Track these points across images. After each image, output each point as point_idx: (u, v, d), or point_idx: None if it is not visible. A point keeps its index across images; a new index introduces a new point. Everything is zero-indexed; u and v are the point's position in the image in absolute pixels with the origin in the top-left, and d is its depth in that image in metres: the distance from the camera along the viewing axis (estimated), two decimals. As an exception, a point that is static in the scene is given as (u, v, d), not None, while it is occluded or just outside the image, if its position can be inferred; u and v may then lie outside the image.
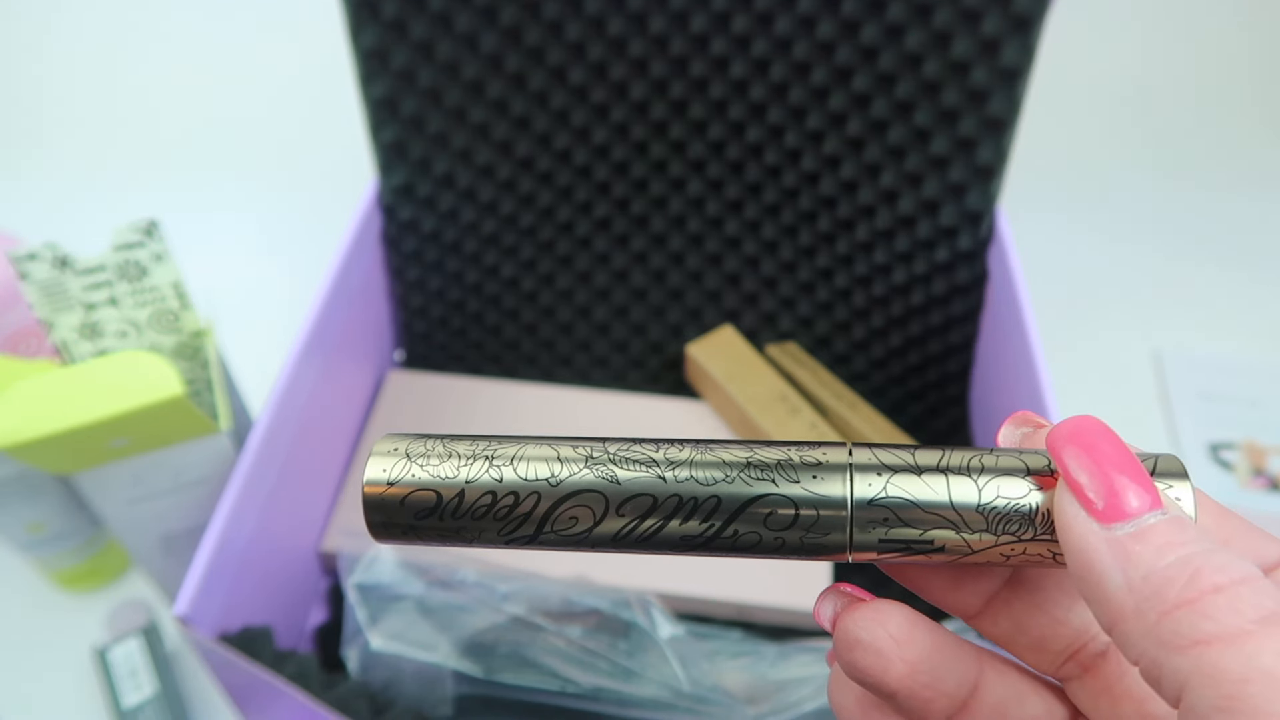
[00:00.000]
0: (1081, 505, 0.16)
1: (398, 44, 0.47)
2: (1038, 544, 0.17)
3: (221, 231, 0.72)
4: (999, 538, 0.17)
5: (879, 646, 0.18)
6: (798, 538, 0.18)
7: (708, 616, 0.48)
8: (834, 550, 0.18)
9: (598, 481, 0.18)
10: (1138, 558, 0.15)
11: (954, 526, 0.17)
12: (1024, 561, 0.17)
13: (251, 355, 0.53)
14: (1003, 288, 0.48)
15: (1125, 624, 0.15)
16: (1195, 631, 0.14)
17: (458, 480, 0.18)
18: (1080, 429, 0.16)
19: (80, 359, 0.41)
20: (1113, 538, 0.15)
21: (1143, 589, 0.14)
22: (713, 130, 0.51)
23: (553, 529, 0.18)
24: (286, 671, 0.37)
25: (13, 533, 0.46)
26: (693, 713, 0.40)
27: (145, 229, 0.40)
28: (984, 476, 0.17)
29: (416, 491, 0.18)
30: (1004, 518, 0.17)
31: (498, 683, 0.40)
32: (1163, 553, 0.15)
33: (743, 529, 0.18)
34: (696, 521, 0.18)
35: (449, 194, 0.53)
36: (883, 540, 0.17)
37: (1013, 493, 0.17)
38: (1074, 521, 0.16)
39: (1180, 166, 0.78)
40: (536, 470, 0.18)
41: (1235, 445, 0.60)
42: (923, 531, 0.17)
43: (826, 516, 0.17)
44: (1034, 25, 0.43)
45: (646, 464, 0.18)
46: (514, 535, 0.18)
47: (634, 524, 0.18)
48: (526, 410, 0.55)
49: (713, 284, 0.57)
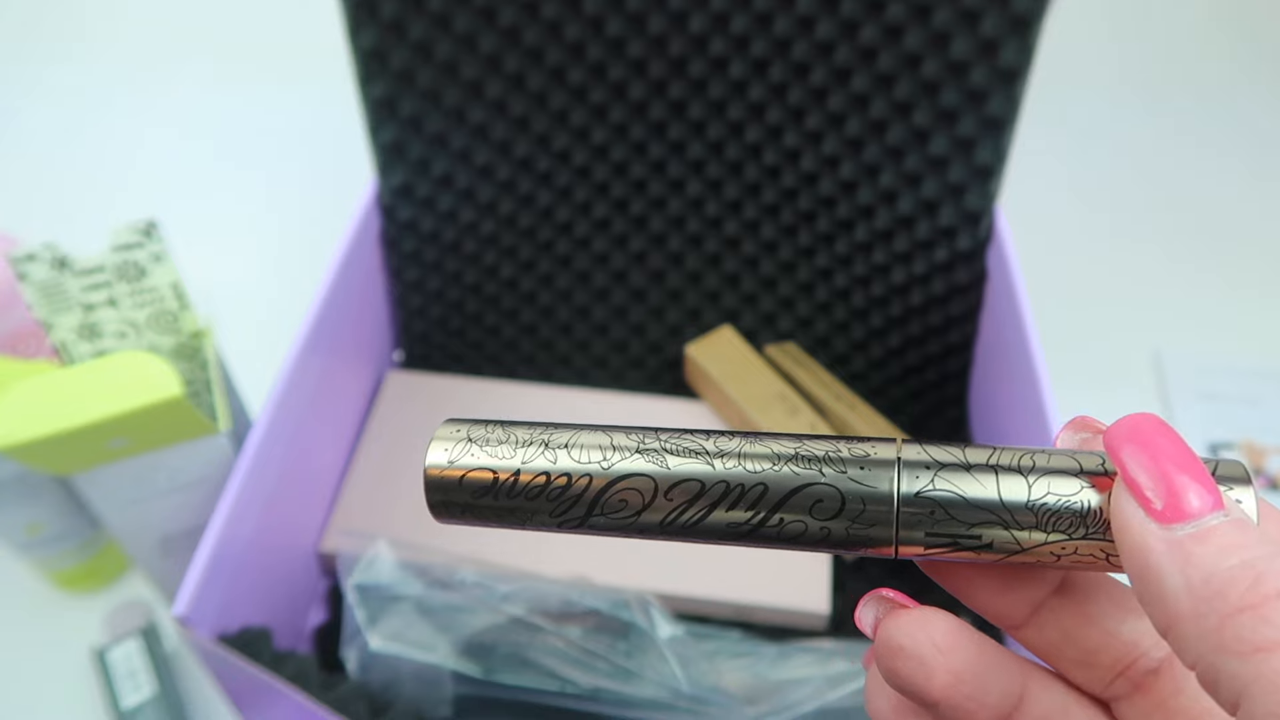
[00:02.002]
0: (1140, 504, 0.15)
1: (397, 44, 0.47)
2: (1090, 543, 0.16)
3: (221, 232, 0.72)
4: (1049, 535, 0.17)
5: (922, 654, 0.17)
6: (844, 528, 0.17)
7: (707, 617, 0.48)
8: (880, 543, 0.17)
9: (648, 466, 0.18)
10: (1198, 559, 0.14)
11: (1002, 523, 0.17)
12: (1075, 563, 0.17)
13: (250, 356, 0.53)
14: (1002, 288, 0.48)
15: (1183, 626, 0.14)
16: (1257, 637, 0.13)
17: (513, 462, 0.19)
18: (1139, 427, 0.16)
19: (79, 360, 0.41)
20: (1173, 538, 0.15)
21: (1203, 591, 0.14)
22: (712, 130, 0.51)
23: (603, 511, 0.18)
24: (285, 672, 0.37)
25: (12, 533, 0.46)
26: (692, 713, 0.40)
27: (144, 229, 0.40)
28: (1035, 474, 0.17)
29: (474, 472, 0.19)
30: (1055, 515, 0.17)
31: (497, 683, 0.40)
32: (1225, 555, 0.14)
33: (788, 518, 0.18)
34: (743, 509, 0.18)
35: (448, 194, 0.53)
36: (929, 534, 0.17)
37: (1064, 490, 0.17)
38: (1131, 521, 0.15)
39: (1180, 166, 0.78)
40: (589, 455, 0.19)
41: (1234, 445, 0.60)
42: (970, 527, 0.17)
43: (873, 509, 0.17)
44: (1033, 25, 0.43)
45: (696, 452, 0.18)
46: (565, 516, 0.19)
47: (681, 509, 0.18)
48: (526, 411, 0.55)
49: (712, 284, 0.57)
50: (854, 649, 0.42)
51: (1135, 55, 0.85)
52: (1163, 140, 0.80)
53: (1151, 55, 0.85)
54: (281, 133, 0.79)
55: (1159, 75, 0.84)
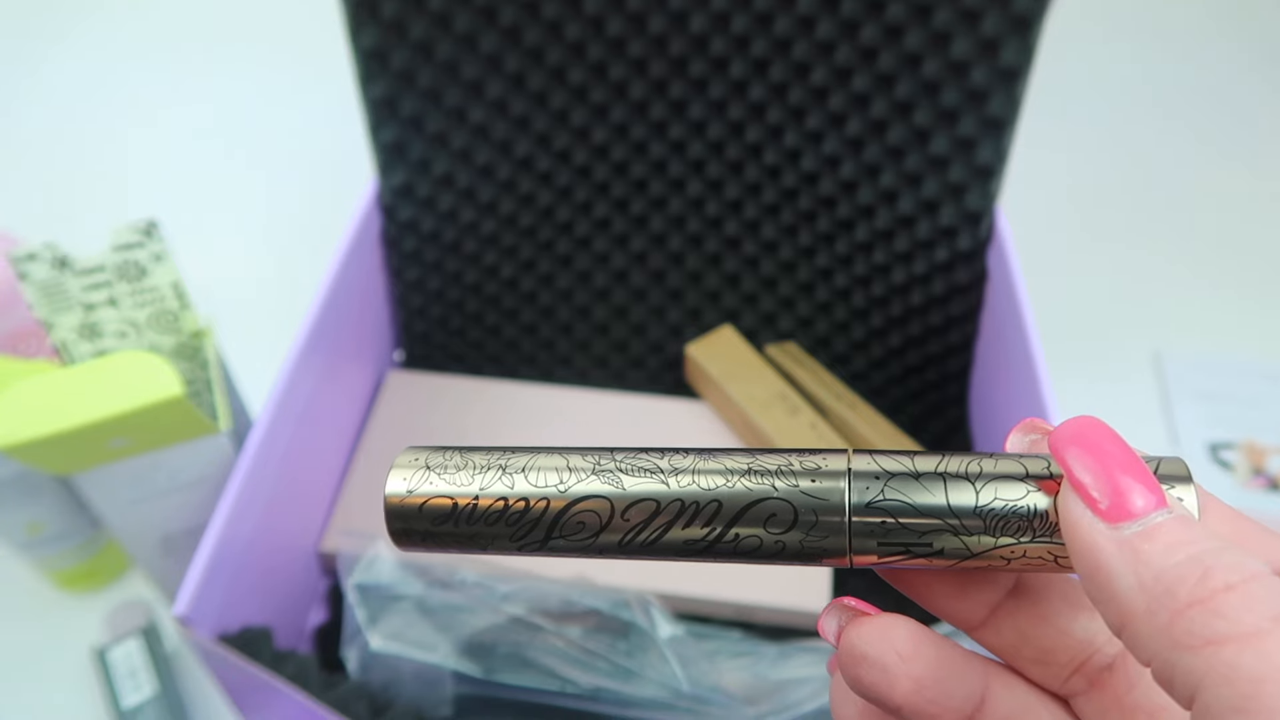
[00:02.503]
0: (1087, 505, 0.15)
1: (397, 44, 0.47)
2: (1038, 546, 0.17)
3: (221, 231, 0.72)
4: (998, 540, 0.17)
5: (885, 662, 0.17)
6: (798, 541, 0.18)
7: (707, 617, 0.48)
8: (834, 554, 0.18)
9: (603, 488, 0.19)
10: (1147, 556, 0.15)
11: (952, 530, 0.17)
12: (1025, 565, 0.17)
13: (251, 355, 0.53)
14: (1002, 288, 0.48)
15: (1136, 624, 0.15)
16: (1209, 631, 0.14)
17: (471, 488, 0.19)
18: (1082, 429, 0.16)
19: (80, 359, 0.41)
20: (1121, 537, 0.15)
21: (1154, 588, 0.14)
22: (712, 130, 0.51)
23: (561, 534, 0.19)
24: (286, 672, 0.37)
25: (12, 533, 0.46)
26: (692, 713, 0.40)
27: (144, 229, 0.40)
28: (982, 480, 0.17)
29: (433, 500, 0.19)
30: (1003, 520, 0.17)
31: (497, 683, 0.40)
32: (1172, 551, 0.15)
33: (743, 533, 0.18)
34: (699, 526, 0.18)
35: (448, 194, 0.53)
36: (882, 544, 0.17)
37: (1011, 495, 0.17)
38: (1080, 521, 0.16)
39: (1180, 166, 0.78)
40: (546, 478, 0.19)
41: (1235, 445, 0.60)
42: (920, 535, 0.17)
43: (825, 520, 0.18)
44: (1033, 25, 0.43)
45: (651, 471, 0.19)
46: (525, 540, 0.19)
47: (639, 529, 0.18)
48: (526, 410, 0.55)
49: (712, 284, 0.57)
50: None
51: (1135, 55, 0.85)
52: (1163, 140, 0.80)
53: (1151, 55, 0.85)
54: (282, 133, 0.79)
55: (1159, 75, 0.84)
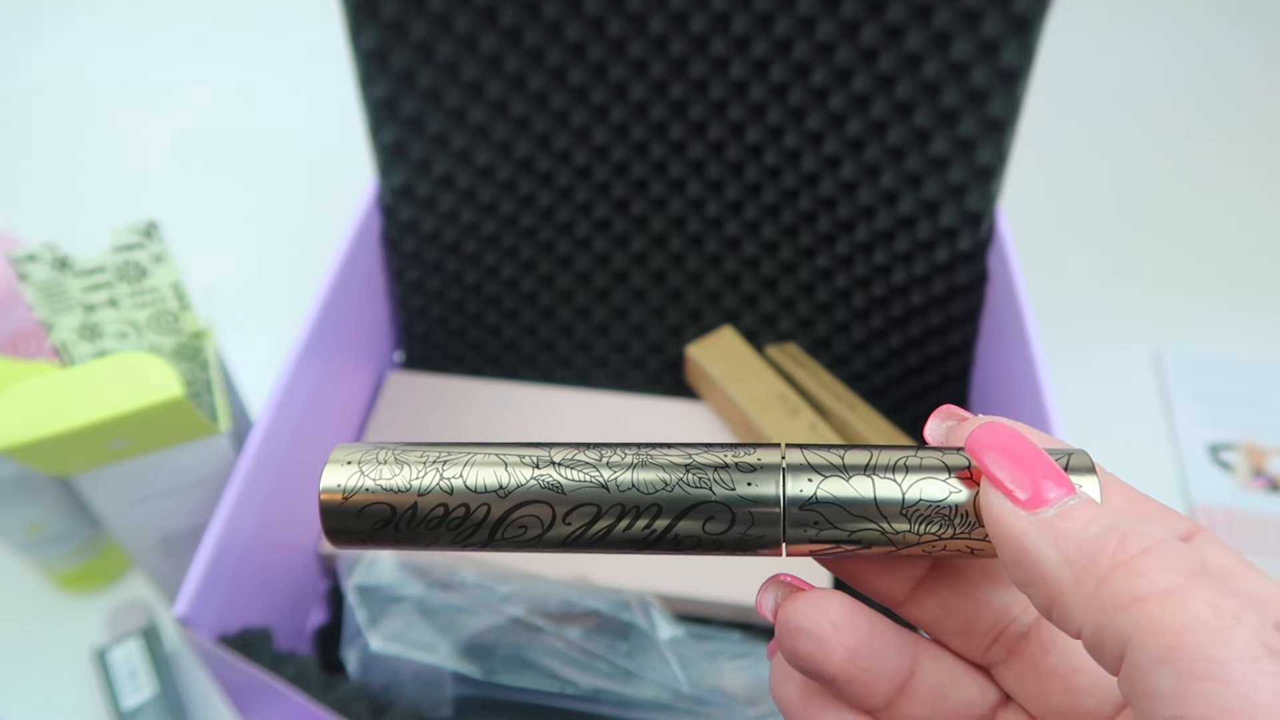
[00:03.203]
0: (1007, 498, 0.17)
1: (397, 45, 0.47)
2: (958, 541, 0.18)
3: (221, 232, 0.72)
4: (921, 535, 0.18)
5: (820, 634, 0.18)
6: (735, 537, 0.19)
7: (707, 618, 0.48)
8: (770, 546, 0.19)
9: (544, 492, 0.19)
10: (1067, 533, 0.16)
11: (879, 527, 0.18)
12: (944, 556, 0.19)
13: (251, 356, 0.53)
14: (1002, 288, 0.48)
15: (1065, 596, 0.16)
16: (1132, 590, 0.15)
17: (410, 493, 0.19)
18: (996, 432, 0.18)
19: (80, 360, 0.41)
20: (1041, 520, 0.16)
21: (1078, 559, 0.16)
22: (712, 131, 0.51)
23: (504, 536, 0.19)
24: (286, 673, 0.37)
25: (12, 534, 0.46)
26: (692, 714, 0.40)
27: (145, 230, 0.40)
28: (909, 477, 0.18)
29: (372, 505, 0.19)
30: (926, 516, 0.18)
31: (497, 684, 0.40)
32: (1088, 525, 0.16)
33: (683, 532, 0.19)
34: (640, 527, 0.19)
35: (449, 195, 0.53)
36: (815, 540, 0.18)
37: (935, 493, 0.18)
38: (1002, 512, 0.17)
39: (1180, 166, 0.78)
40: (485, 480, 0.19)
41: (1235, 446, 0.60)
42: (850, 532, 0.18)
43: (760, 516, 0.18)
44: (1034, 26, 0.43)
45: (591, 469, 0.19)
46: (468, 542, 0.19)
47: (581, 530, 0.19)
48: (526, 411, 0.55)
49: (712, 285, 0.57)
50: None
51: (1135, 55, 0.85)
52: (1163, 140, 0.80)
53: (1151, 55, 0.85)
54: (282, 134, 0.79)
55: (1159, 75, 0.84)
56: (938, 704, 0.20)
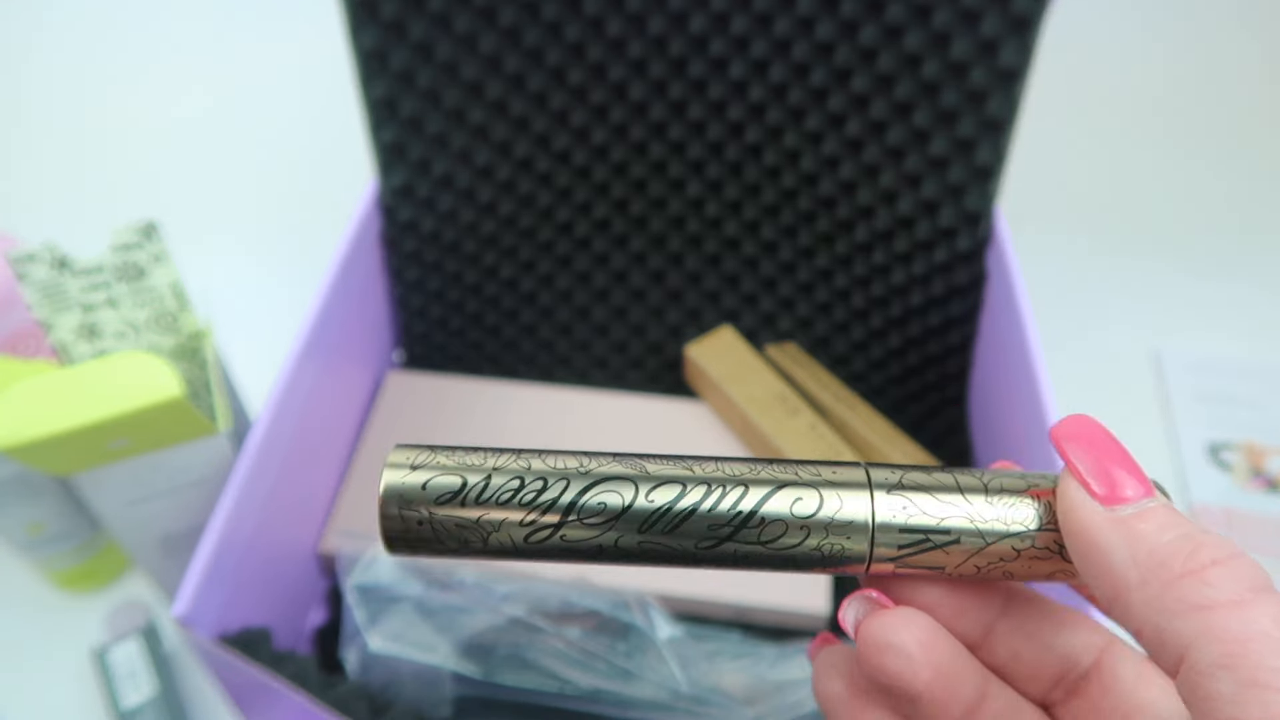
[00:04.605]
0: (1084, 491, 0.17)
1: (397, 44, 0.47)
2: (1045, 534, 0.18)
3: (220, 232, 0.72)
4: (1009, 528, 0.18)
5: (909, 651, 0.18)
6: (820, 536, 0.18)
7: (707, 618, 0.48)
8: (854, 558, 0.19)
9: (626, 470, 0.18)
10: (1142, 534, 0.16)
11: (967, 517, 0.18)
12: (1032, 560, 0.19)
13: (250, 356, 0.53)
14: (1001, 289, 0.48)
15: (1129, 594, 0.16)
16: (1199, 597, 0.15)
17: (485, 465, 0.18)
18: (1080, 424, 0.18)
19: (79, 360, 0.41)
20: (1116, 518, 0.17)
21: (1147, 562, 0.16)
22: (712, 131, 0.51)
23: (578, 516, 0.17)
24: (285, 672, 0.37)
25: (12, 533, 0.46)
26: (692, 714, 0.40)
27: (144, 230, 0.40)
28: (991, 484, 0.19)
29: (440, 476, 0.17)
30: (1008, 523, 0.18)
31: (497, 684, 0.40)
32: (1164, 530, 0.16)
33: (770, 518, 0.18)
34: (727, 506, 0.18)
35: (448, 195, 0.53)
36: (903, 529, 0.18)
37: (1017, 490, 0.19)
38: (1078, 505, 0.17)
39: (1180, 166, 0.78)
40: (565, 462, 0.18)
41: (1234, 446, 0.60)
42: (939, 521, 0.18)
43: (849, 510, 0.18)
44: (1033, 26, 0.43)
45: (674, 461, 0.18)
46: (535, 527, 0.17)
47: (665, 508, 0.17)
48: (526, 411, 0.55)
49: (712, 285, 0.57)
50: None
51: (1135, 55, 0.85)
52: (1163, 140, 0.80)
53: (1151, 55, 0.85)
54: (282, 133, 0.79)
55: (1159, 74, 0.84)
56: None
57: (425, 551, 0.18)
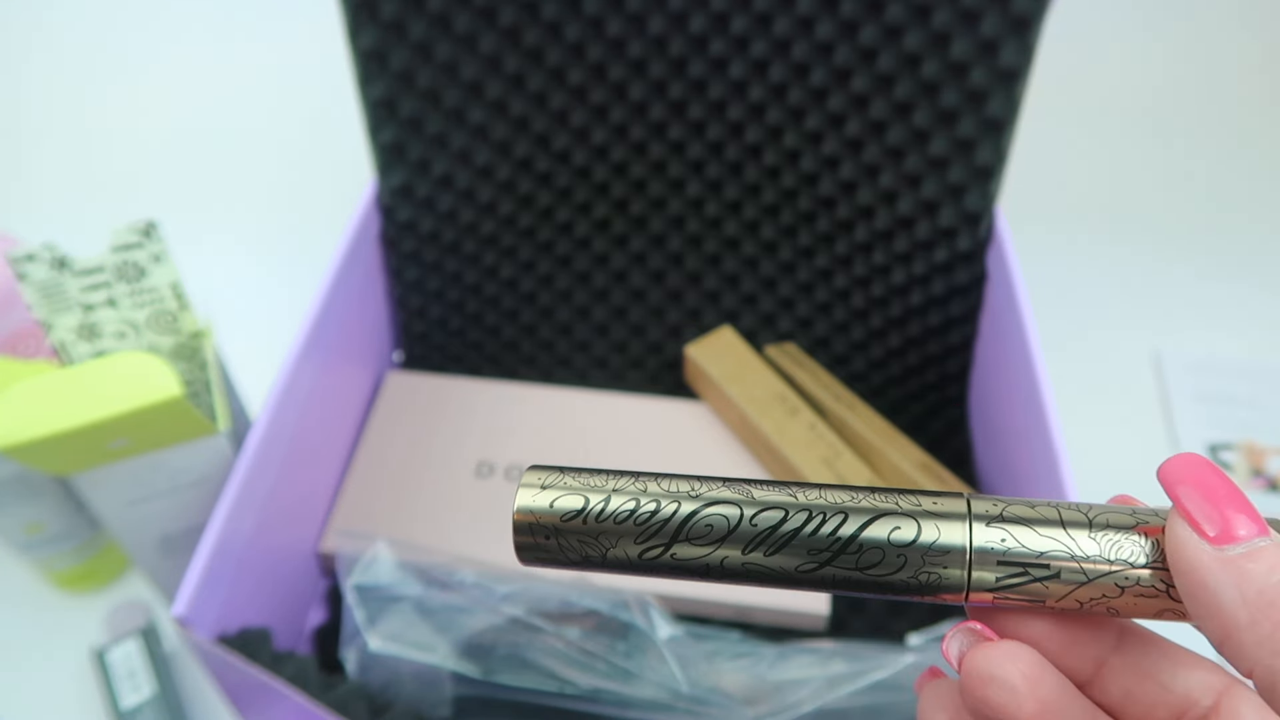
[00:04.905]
0: (1195, 531, 0.17)
1: (396, 45, 0.47)
2: (1151, 572, 0.18)
3: (220, 232, 0.72)
4: (1112, 563, 0.18)
5: (1014, 684, 0.18)
6: (917, 565, 0.19)
7: (707, 617, 0.48)
8: (951, 588, 0.19)
9: (734, 495, 0.19)
10: (1251, 574, 0.16)
11: (1068, 552, 0.18)
12: (1138, 596, 0.18)
13: (250, 356, 0.53)
14: (1001, 289, 0.48)
15: (1240, 635, 0.16)
16: None
17: (605, 487, 0.20)
18: (1191, 464, 0.18)
19: (79, 360, 0.41)
20: (1225, 557, 0.17)
21: (1257, 602, 0.16)
22: (711, 131, 0.51)
23: (687, 538, 0.19)
24: (285, 673, 0.37)
25: (11, 533, 0.46)
26: (691, 714, 0.40)
27: (144, 230, 0.40)
28: (1095, 518, 0.19)
29: (565, 496, 0.20)
30: (1115, 545, 0.18)
31: (496, 684, 0.40)
32: (1275, 570, 0.16)
33: (867, 544, 0.19)
34: (827, 532, 0.19)
35: (448, 195, 0.53)
36: (1000, 563, 0.19)
37: (1122, 525, 0.19)
38: (1186, 545, 0.17)
39: (1180, 166, 0.78)
40: (678, 485, 0.20)
41: (1234, 446, 0.60)
42: (1039, 555, 0.18)
43: (947, 539, 0.19)
44: (1033, 26, 0.43)
45: (779, 487, 0.20)
46: (648, 544, 0.19)
47: (768, 532, 0.19)
48: (526, 411, 0.55)
49: (711, 285, 0.57)
50: (853, 650, 0.42)
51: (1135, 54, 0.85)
52: (1163, 140, 0.80)
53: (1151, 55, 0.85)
54: (281, 132, 0.79)
55: (1158, 74, 0.84)
56: None
57: (551, 563, 0.20)
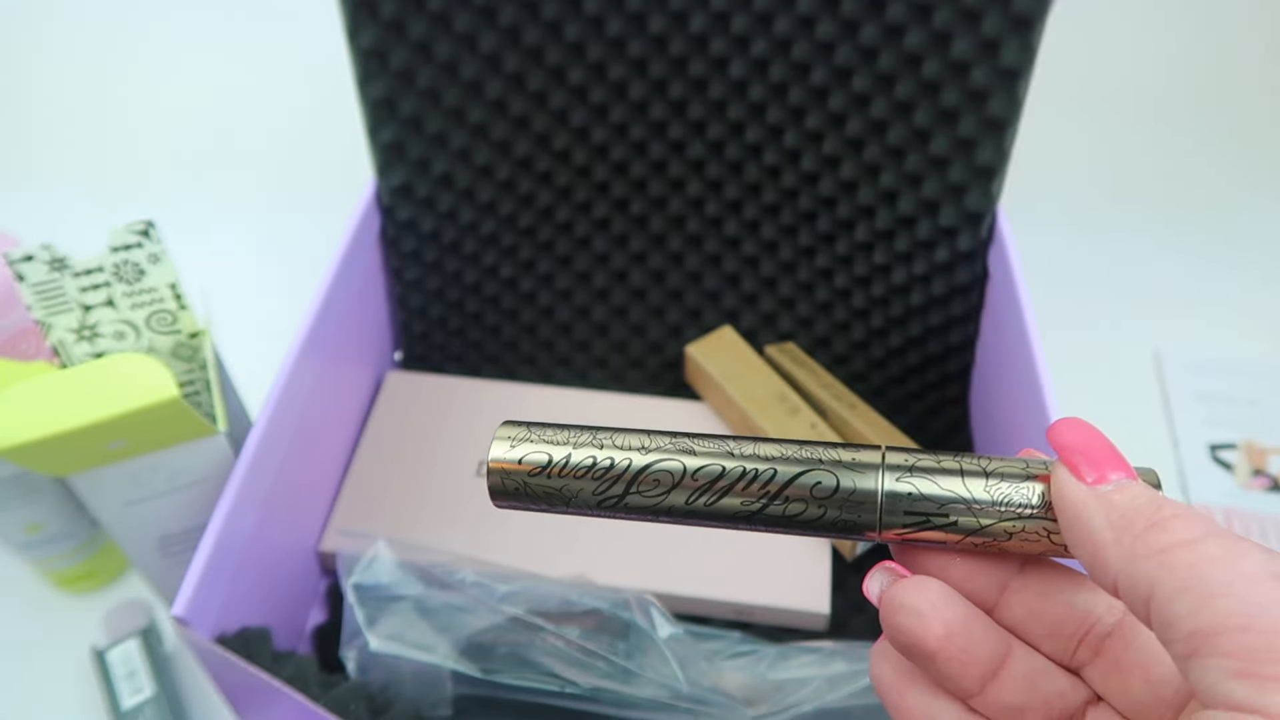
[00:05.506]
0: (1074, 475, 0.20)
1: (396, 44, 0.47)
2: (1035, 522, 0.21)
3: (219, 232, 0.71)
4: (1002, 513, 0.21)
5: (920, 609, 0.21)
6: (837, 511, 0.22)
7: (707, 617, 0.48)
8: (865, 527, 0.22)
9: (676, 456, 0.23)
10: (1116, 503, 0.19)
11: (966, 508, 0.21)
12: (1023, 540, 0.21)
13: (249, 356, 0.53)
14: (1003, 288, 0.48)
15: (1105, 551, 0.19)
16: (1159, 543, 0.18)
17: (567, 442, 0.23)
18: (1074, 425, 0.21)
19: (77, 360, 0.41)
20: (1097, 493, 0.19)
21: (1119, 523, 0.19)
22: (712, 130, 0.51)
23: (638, 489, 0.22)
24: (285, 673, 0.37)
25: (11, 534, 0.46)
26: (692, 713, 0.40)
27: (142, 230, 0.40)
28: (991, 477, 0.21)
29: (533, 452, 0.23)
30: (1005, 502, 0.21)
31: (496, 683, 0.40)
32: (1135, 499, 0.19)
33: (794, 495, 0.22)
34: (756, 487, 0.22)
35: (448, 194, 0.52)
36: (907, 514, 0.21)
37: (1014, 484, 0.21)
38: (1066, 485, 0.20)
39: (1180, 166, 0.78)
40: (630, 441, 0.23)
41: (1235, 445, 0.60)
42: (940, 506, 0.21)
43: (861, 491, 0.21)
44: (1034, 25, 0.43)
45: (718, 441, 0.23)
46: (605, 494, 0.23)
47: (702, 490, 0.22)
48: (526, 411, 0.55)
49: (712, 284, 0.57)
50: (854, 650, 0.42)
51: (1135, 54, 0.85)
52: (1163, 140, 0.80)
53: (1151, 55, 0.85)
54: (281, 132, 0.79)
55: (1159, 74, 0.84)
56: (1030, 691, 0.21)
57: (520, 508, 0.23)
